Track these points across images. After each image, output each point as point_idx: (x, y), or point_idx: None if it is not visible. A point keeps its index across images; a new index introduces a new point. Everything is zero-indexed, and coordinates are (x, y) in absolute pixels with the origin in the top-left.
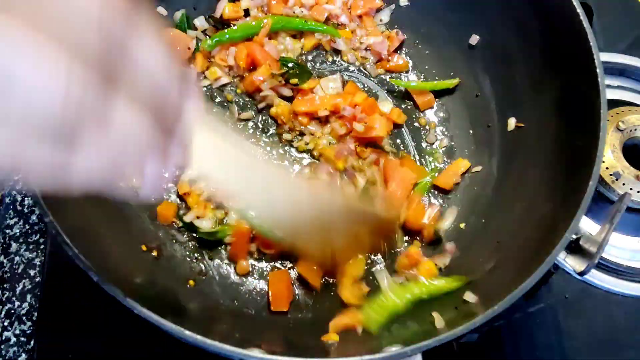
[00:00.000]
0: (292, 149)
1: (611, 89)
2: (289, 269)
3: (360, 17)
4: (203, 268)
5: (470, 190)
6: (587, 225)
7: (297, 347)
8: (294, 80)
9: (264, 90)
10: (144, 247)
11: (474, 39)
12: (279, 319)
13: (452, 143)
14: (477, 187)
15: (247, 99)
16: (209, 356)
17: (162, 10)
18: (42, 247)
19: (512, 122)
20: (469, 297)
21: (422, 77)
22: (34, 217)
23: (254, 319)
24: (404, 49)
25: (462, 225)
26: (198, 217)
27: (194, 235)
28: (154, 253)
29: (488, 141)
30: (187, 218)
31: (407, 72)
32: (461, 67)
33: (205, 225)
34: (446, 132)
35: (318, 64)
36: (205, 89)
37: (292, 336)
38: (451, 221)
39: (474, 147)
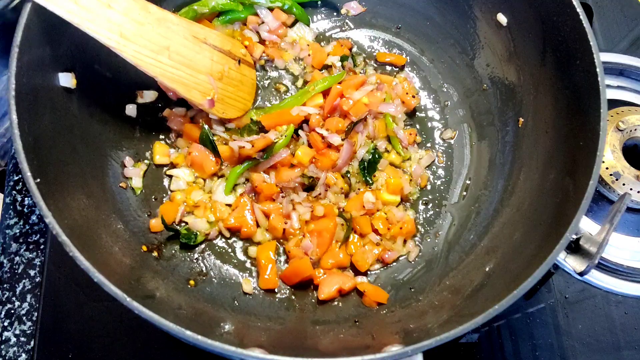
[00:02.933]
0: None
1: (611, 89)
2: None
3: None
4: (203, 268)
5: (471, 190)
6: (587, 225)
7: (297, 347)
8: None
9: None
10: (144, 248)
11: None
12: (280, 319)
13: (452, 141)
14: (478, 189)
15: None
16: (210, 356)
17: None
18: (42, 247)
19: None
20: None
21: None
22: (34, 217)
23: (255, 319)
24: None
25: (464, 224)
26: (197, 217)
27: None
28: (155, 253)
29: (489, 141)
30: (187, 218)
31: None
32: (462, 66)
33: (200, 225)
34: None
35: None
36: None
37: (292, 336)
38: (450, 222)
39: (475, 146)
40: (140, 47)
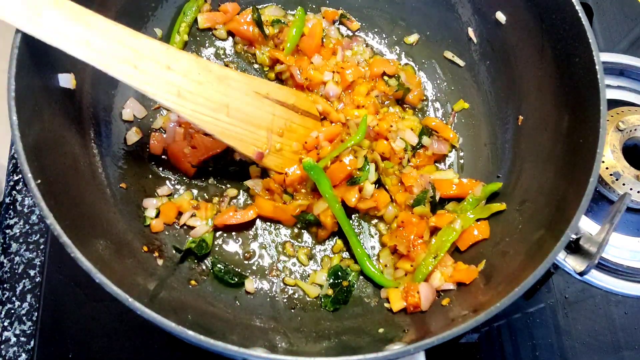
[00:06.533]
0: None
1: (611, 89)
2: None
3: None
4: (204, 268)
5: None
6: (587, 225)
7: (299, 346)
8: None
9: None
10: (145, 248)
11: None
12: (282, 318)
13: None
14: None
15: None
16: (210, 356)
17: (158, 31)
18: (42, 247)
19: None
20: None
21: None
22: (34, 217)
23: (257, 318)
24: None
25: None
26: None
27: (180, 250)
28: (156, 254)
29: (488, 139)
30: (184, 218)
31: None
32: (464, 67)
33: (200, 228)
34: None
35: None
36: None
37: (295, 336)
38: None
39: (475, 144)
40: (198, 106)
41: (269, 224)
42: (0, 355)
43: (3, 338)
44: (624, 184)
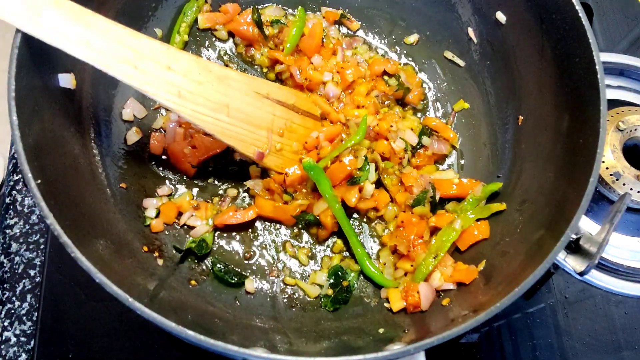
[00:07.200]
0: None
1: (611, 89)
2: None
3: None
4: (204, 268)
5: None
6: (587, 225)
7: (299, 345)
8: None
9: None
10: (145, 248)
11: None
12: (282, 319)
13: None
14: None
15: None
16: (210, 355)
17: (158, 31)
18: (42, 247)
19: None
20: None
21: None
22: (34, 217)
23: (257, 318)
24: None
25: None
26: (195, 217)
27: (180, 250)
28: (156, 254)
29: (489, 139)
30: (184, 218)
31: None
32: (464, 67)
33: (200, 228)
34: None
35: None
36: None
37: (295, 335)
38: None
39: (475, 144)
40: (198, 106)
41: (269, 224)
42: (0, 355)
43: (3, 338)
44: (624, 184)
